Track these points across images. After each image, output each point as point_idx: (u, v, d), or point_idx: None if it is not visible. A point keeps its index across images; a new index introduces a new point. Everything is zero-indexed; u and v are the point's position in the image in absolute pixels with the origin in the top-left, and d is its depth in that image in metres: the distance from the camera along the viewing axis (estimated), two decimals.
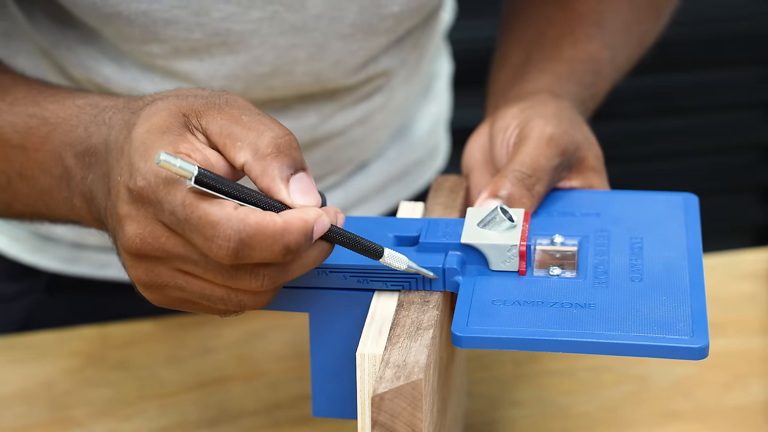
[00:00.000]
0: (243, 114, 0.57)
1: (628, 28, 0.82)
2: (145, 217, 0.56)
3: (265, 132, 0.56)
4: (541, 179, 0.65)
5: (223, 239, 0.54)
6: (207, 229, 0.54)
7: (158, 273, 0.57)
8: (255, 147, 0.56)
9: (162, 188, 0.55)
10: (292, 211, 0.55)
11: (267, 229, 0.54)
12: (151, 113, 0.57)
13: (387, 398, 0.54)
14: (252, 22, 0.73)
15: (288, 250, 0.55)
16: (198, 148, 0.56)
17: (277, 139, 0.56)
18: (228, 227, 0.54)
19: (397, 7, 0.76)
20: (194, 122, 0.57)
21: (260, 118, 0.57)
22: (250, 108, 0.58)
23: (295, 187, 0.56)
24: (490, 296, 0.59)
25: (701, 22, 1.74)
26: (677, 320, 0.57)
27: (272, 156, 0.56)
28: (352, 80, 0.80)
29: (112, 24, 0.73)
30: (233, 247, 0.54)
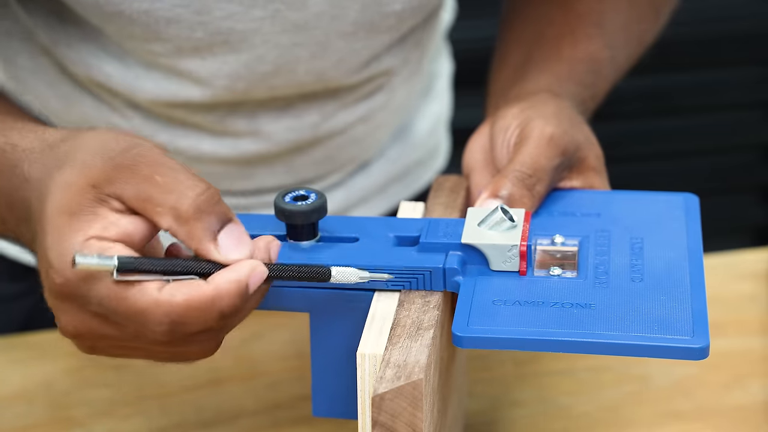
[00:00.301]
0: (156, 173, 0.55)
1: (628, 28, 0.82)
2: (73, 309, 0.55)
3: (183, 192, 0.55)
4: (542, 179, 0.65)
5: (155, 324, 0.54)
6: (137, 317, 0.54)
7: (99, 348, 0.57)
8: (176, 211, 0.54)
9: (82, 284, 0.54)
10: (223, 273, 0.55)
11: (197, 303, 0.54)
12: (61, 187, 0.55)
13: (387, 398, 0.54)
14: (254, 20, 0.73)
15: (223, 315, 0.55)
16: (112, 221, 0.55)
17: (197, 198, 0.55)
18: (157, 312, 0.54)
19: (399, 6, 0.76)
20: (106, 190, 0.55)
21: (175, 175, 0.55)
22: (163, 163, 0.55)
23: (225, 243, 0.55)
24: (490, 296, 0.59)
25: (701, 22, 1.74)
26: (678, 320, 0.57)
27: (195, 218, 0.55)
28: (354, 79, 0.80)
29: (114, 22, 0.73)
30: (166, 330, 0.54)
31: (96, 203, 0.55)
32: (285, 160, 0.84)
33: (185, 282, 0.55)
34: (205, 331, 0.55)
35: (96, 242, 0.54)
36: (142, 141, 0.56)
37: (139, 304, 0.54)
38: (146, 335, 0.54)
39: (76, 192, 0.55)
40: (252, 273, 0.55)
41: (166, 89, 0.78)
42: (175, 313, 0.54)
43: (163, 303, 0.54)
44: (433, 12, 0.82)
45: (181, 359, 0.57)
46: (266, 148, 0.83)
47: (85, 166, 0.55)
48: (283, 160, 0.85)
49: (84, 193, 0.55)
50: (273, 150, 0.83)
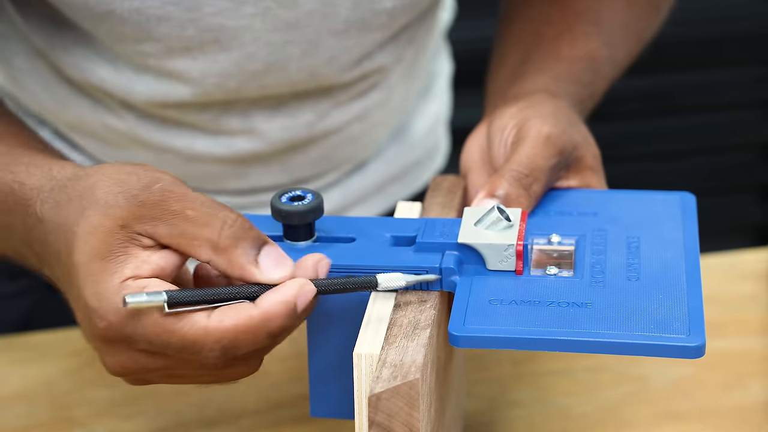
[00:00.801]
0: (187, 208, 0.56)
1: (627, 26, 0.82)
2: (120, 350, 0.56)
3: (217, 225, 0.56)
4: (539, 179, 0.65)
5: (208, 351, 0.55)
6: (190, 348, 0.55)
7: (148, 379, 0.58)
8: (213, 243, 0.55)
9: (128, 324, 0.55)
10: (270, 294, 0.55)
11: (245, 326, 0.55)
12: (88, 232, 0.56)
13: (384, 398, 0.54)
14: (244, 17, 0.74)
15: (272, 335, 0.56)
16: (144, 259, 0.56)
17: (231, 228, 0.56)
18: (208, 340, 0.54)
19: (390, 3, 0.76)
20: (136, 229, 0.56)
21: (206, 209, 0.56)
22: (192, 197, 0.56)
23: (266, 265, 0.56)
24: (487, 296, 0.59)
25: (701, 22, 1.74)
26: (674, 319, 0.57)
27: (233, 246, 0.56)
28: (346, 77, 0.80)
29: (104, 23, 0.73)
30: (219, 355, 0.55)
31: (126, 243, 0.56)
32: (280, 159, 0.85)
33: (232, 306, 0.55)
34: (254, 352, 0.56)
35: (132, 282, 0.55)
36: (161, 175, 0.57)
37: (190, 334, 0.54)
38: (202, 362, 0.55)
39: (104, 234, 0.55)
40: (300, 292, 0.56)
41: (158, 90, 0.78)
42: (226, 339, 0.55)
43: (213, 330, 0.54)
44: (427, 10, 0.82)
45: (226, 380, 0.58)
46: (261, 147, 0.83)
47: (109, 207, 0.56)
48: (279, 160, 0.85)
49: (113, 234, 0.56)
50: (268, 149, 0.83)
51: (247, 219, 0.57)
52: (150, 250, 0.56)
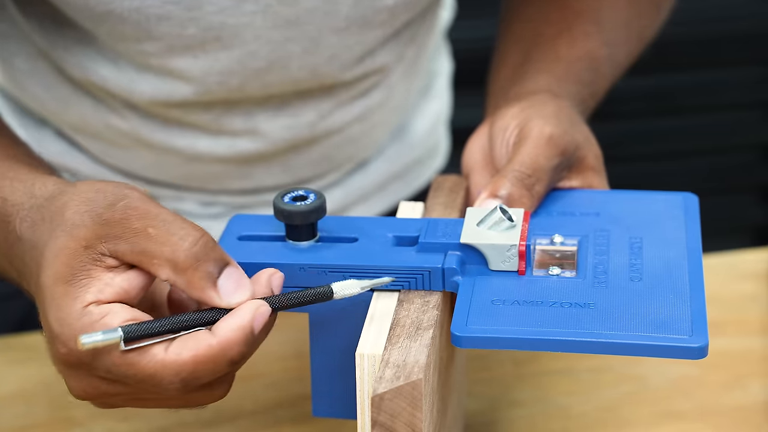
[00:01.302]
0: (148, 225, 0.55)
1: (628, 25, 0.82)
2: (81, 375, 0.56)
3: (177, 243, 0.55)
4: (541, 179, 0.65)
5: (168, 383, 0.54)
6: (149, 381, 0.54)
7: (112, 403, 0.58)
8: (173, 263, 0.55)
9: (89, 356, 0.55)
10: (227, 320, 0.55)
11: (204, 357, 0.54)
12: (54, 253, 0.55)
13: (387, 398, 0.54)
14: (245, 15, 0.73)
15: (234, 362, 0.55)
16: (107, 282, 0.55)
17: (192, 248, 0.55)
18: (167, 373, 0.54)
19: (391, 1, 0.75)
20: (99, 249, 0.55)
21: (168, 227, 0.55)
22: (155, 214, 0.55)
23: (225, 288, 0.55)
24: (489, 296, 0.59)
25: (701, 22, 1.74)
26: (676, 320, 0.57)
27: (193, 267, 0.55)
28: (348, 75, 0.80)
29: (105, 23, 0.73)
30: (179, 387, 0.54)
31: (90, 264, 0.55)
32: (282, 159, 0.84)
33: (191, 336, 0.55)
34: (216, 380, 0.56)
35: (94, 308, 0.55)
36: (128, 191, 0.56)
37: (148, 369, 0.54)
38: (162, 395, 0.55)
39: (68, 257, 0.55)
40: (256, 314, 0.55)
41: (161, 89, 0.78)
42: (185, 371, 0.54)
43: (171, 363, 0.54)
44: (428, 8, 0.82)
45: (193, 405, 0.58)
46: (263, 147, 0.83)
47: (74, 227, 0.55)
48: (281, 160, 0.84)
49: (76, 256, 0.55)
50: (270, 149, 0.83)
51: (211, 238, 0.56)
52: (114, 272, 0.55)
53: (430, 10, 0.84)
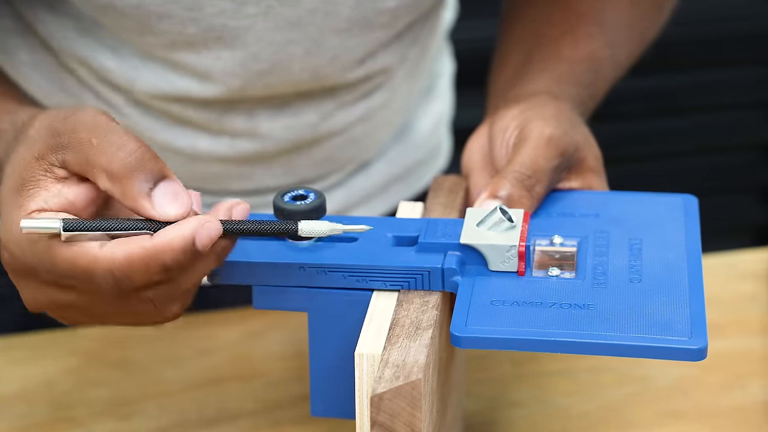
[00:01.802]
0: (92, 136, 0.56)
1: (630, 25, 0.82)
2: (28, 282, 0.58)
3: (113, 153, 0.56)
4: (541, 180, 0.65)
5: (100, 279, 0.55)
6: (80, 275, 0.55)
7: (64, 316, 0.59)
8: (108, 171, 0.56)
9: (27, 254, 0.56)
10: (167, 228, 0.55)
11: (137, 257, 0.55)
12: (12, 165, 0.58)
13: (386, 398, 0.54)
14: (247, 17, 0.73)
15: (166, 269, 0.55)
16: (54, 192, 0.56)
17: (127, 157, 0.56)
18: (98, 268, 0.55)
19: (393, 2, 0.76)
20: (49, 159, 0.57)
21: (109, 137, 0.56)
22: (100, 124, 0.57)
23: (160, 199, 0.56)
24: (489, 296, 0.59)
25: (702, 22, 1.74)
26: (676, 321, 0.57)
27: (126, 176, 0.56)
28: (350, 77, 0.80)
29: (108, 14, 0.73)
30: (112, 284, 0.55)
31: (39, 175, 0.57)
32: (283, 160, 0.85)
33: (129, 238, 0.56)
34: (153, 286, 0.56)
35: (37, 215, 0.56)
36: (84, 106, 0.58)
37: (81, 261, 0.55)
38: (96, 292, 0.56)
39: (22, 168, 0.57)
40: (199, 227, 0.55)
41: (164, 79, 0.78)
42: (116, 268, 0.55)
43: (103, 259, 0.55)
44: (431, 9, 0.82)
45: (146, 320, 0.58)
46: (264, 148, 0.83)
47: (31, 141, 0.57)
48: (282, 160, 0.85)
49: (28, 167, 0.57)
50: (271, 149, 0.83)
51: (151, 150, 0.57)
52: (63, 183, 0.57)
53: (433, 11, 0.84)
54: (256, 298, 0.62)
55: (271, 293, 0.62)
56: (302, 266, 0.61)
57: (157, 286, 0.56)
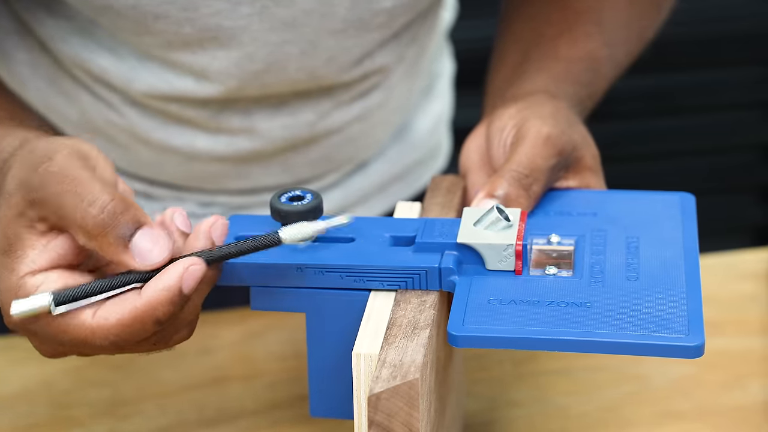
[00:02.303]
0: (64, 191, 0.55)
1: (628, 25, 0.82)
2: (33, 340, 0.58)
3: (86, 210, 0.55)
4: (538, 179, 0.65)
5: (100, 345, 0.56)
6: (82, 344, 0.56)
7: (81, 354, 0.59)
8: (84, 230, 0.56)
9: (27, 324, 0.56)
10: (153, 282, 0.56)
11: (129, 320, 0.55)
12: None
13: (384, 398, 0.54)
14: (242, 18, 0.74)
15: (160, 323, 0.56)
16: (40, 250, 0.56)
17: (99, 214, 0.55)
18: (96, 338, 0.56)
19: (389, 3, 0.75)
20: (30, 215, 0.56)
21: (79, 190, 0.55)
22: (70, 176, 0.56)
23: (140, 249, 0.56)
24: (486, 295, 0.59)
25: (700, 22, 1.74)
26: (673, 319, 0.57)
27: (101, 234, 0.55)
28: (346, 77, 0.80)
29: (104, 16, 0.73)
30: (112, 347, 0.56)
31: (24, 232, 0.56)
32: (281, 159, 0.85)
33: (119, 298, 0.56)
34: (152, 336, 0.57)
35: (29, 278, 0.56)
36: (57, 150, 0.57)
37: (79, 334, 0.56)
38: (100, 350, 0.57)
39: (5, 225, 0.56)
40: (185, 274, 0.56)
41: (162, 79, 0.78)
42: (112, 335, 0.56)
43: (98, 329, 0.56)
44: (428, 9, 0.82)
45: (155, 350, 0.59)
46: (261, 146, 0.83)
47: (9, 195, 0.57)
48: (279, 159, 0.85)
49: (11, 225, 0.56)
50: (268, 148, 0.83)
51: (125, 200, 0.56)
52: (47, 237, 0.56)
53: (431, 11, 0.84)
54: (254, 299, 0.62)
55: (269, 294, 0.62)
56: (299, 267, 0.61)
57: (156, 334, 0.57)
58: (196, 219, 0.88)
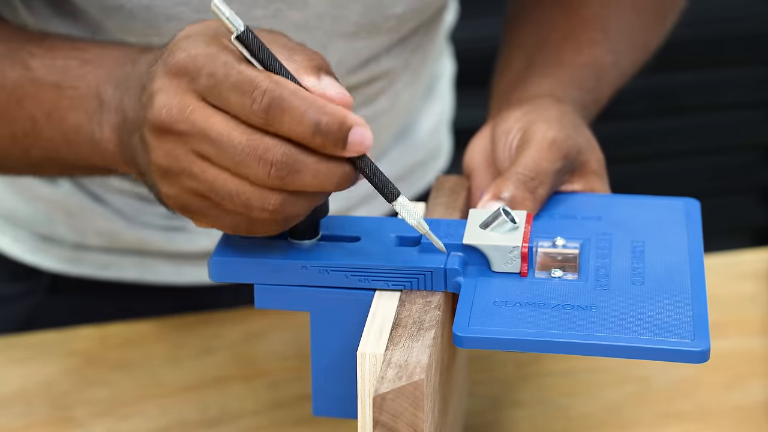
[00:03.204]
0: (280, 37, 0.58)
1: (633, 34, 0.82)
2: (177, 87, 0.56)
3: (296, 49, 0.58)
4: (544, 182, 0.65)
5: (259, 92, 0.54)
6: (245, 84, 0.54)
7: (176, 155, 0.57)
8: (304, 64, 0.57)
9: (202, 57, 0.55)
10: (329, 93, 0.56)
11: (303, 97, 0.54)
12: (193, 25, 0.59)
13: (389, 398, 0.54)
14: (255, 20, 0.73)
15: (318, 128, 0.54)
16: None
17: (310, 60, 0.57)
18: (266, 83, 0.54)
19: (400, 8, 0.75)
20: None
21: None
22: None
23: (327, 82, 0.57)
24: (491, 297, 0.59)
25: (704, 22, 1.74)
26: (678, 323, 0.57)
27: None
28: (353, 79, 0.80)
29: (114, 17, 0.73)
30: (267, 102, 0.54)
31: None
32: None
33: None
34: (290, 149, 0.55)
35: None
36: None
37: (251, 72, 0.54)
38: (245, 105, 0.54)
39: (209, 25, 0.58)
40: (361, 125, 0.56)
41: None
42: (280, 92, 0.54)
43: (275, 79, 0.55)
44: (434, 15, 0.82)
45: (242, 201, 0.56)
46: None
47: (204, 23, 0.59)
48: None
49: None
50: None
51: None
52: None
53: (436, 18, 0.84)
54: (258, 297, 0.62)
55: (273, 292, 0.62)
56: (305, 266, 0.61)
57: (280, 152, 0.55)
58: None
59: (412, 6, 0.76)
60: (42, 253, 0.90)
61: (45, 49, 0.68)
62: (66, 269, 0.90)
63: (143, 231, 0.87)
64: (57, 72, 0.66)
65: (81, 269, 0.90)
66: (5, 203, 0.90)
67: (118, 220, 0.87)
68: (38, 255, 0.90)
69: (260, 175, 0.55)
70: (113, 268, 0.89)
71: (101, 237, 0.88)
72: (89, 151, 0.65)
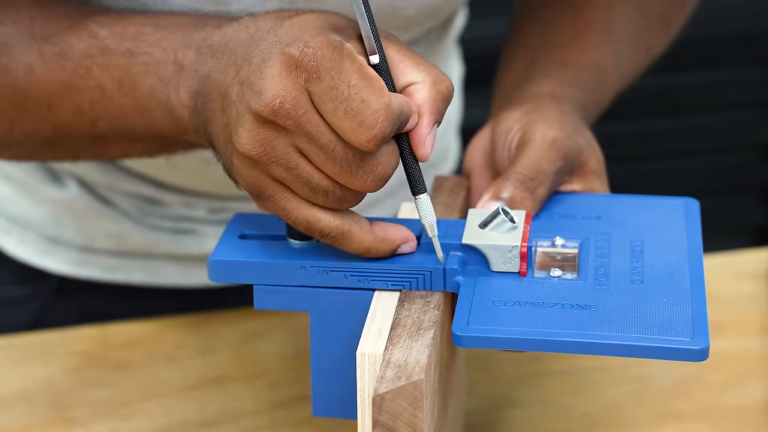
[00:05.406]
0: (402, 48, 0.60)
1: (637, 38, 0.82)
2: (294, 82, 0.55)
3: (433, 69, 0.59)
4: (543, 182, 0.65)
5: (375, 132, 0.55)
6: (364, 115, 0.54)
7: (275, 145, 0.56)
8: (433, 78, 0.58)
9: (329, 60, 0.54)
10: None
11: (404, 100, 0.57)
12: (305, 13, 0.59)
13: (388, 398, 0.54)
14: None
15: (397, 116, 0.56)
16: None
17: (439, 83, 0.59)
18: (384, 127, 0.55)
19: (412, 11, 0.75)
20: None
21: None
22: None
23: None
24: (490, 296, 0.59)
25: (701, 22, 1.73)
26: (678, 322, 0.57)
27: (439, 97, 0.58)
28: None
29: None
30: (375, 143, 0.55)
31: None
32: None
33: None
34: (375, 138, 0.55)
35: None
36: None
37: (373, 103, 0.54)
38: (359, 137, 0.54)
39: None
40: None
41: None
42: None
43: (395, 103, 0.56)
44: (445, 23, 0.82)
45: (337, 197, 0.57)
46: None
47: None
48: None
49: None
50: None
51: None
52: None
53: (446, 25, 0.83)
54: (257, 298, 0.62)
55: (273, 293, 0.62)
56: (304, 266, 0.61)
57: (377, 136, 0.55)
58: (205, 225, 0.88)
59: (425, 11, 0.76)
60: (49, 256, 0.90)
61: (113, 18, 0.66)
62: (73, 272, 0.90)
63: (151, 234, 0.87)
64: (129, 39, 0.64)
65: (88, 272, 0.90)
66: (13, 205, 0.90)
67: (125, 222, 0.87)
68: (46, 257, 0.90)
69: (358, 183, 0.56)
70: (121, 270, 0.89)
71: (109, 239, 0.88)
72: (161, 117, 0.63)
